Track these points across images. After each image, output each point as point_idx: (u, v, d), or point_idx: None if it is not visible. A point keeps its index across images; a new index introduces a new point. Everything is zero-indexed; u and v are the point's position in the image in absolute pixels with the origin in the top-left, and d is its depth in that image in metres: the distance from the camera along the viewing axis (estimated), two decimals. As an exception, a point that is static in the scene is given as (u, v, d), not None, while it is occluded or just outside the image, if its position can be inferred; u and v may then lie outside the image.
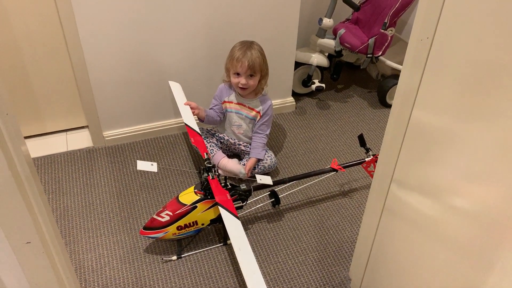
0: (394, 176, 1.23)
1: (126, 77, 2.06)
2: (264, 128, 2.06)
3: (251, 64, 1.88)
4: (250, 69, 1.89)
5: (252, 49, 1.91)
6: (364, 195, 2.01)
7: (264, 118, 2.04)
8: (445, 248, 1.04)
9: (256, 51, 1.91)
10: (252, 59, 1.88)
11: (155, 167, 1.62)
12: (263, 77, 1.98)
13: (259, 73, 1.94)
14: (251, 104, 2.04)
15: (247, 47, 1.91)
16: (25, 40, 1.95)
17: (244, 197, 1.75)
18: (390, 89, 2.52)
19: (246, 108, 2.04)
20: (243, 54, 1.89)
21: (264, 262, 1.71)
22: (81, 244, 1.75)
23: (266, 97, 2.05)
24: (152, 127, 2.27)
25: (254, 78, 1.93)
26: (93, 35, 1.89)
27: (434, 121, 1.02)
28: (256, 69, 1.91)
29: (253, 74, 1.92)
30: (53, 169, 2.08)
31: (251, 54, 1.89)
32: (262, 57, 1.93)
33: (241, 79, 1.92)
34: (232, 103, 2.05)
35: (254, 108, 2.04)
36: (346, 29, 2.48)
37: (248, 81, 1.92)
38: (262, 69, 1.94)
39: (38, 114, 2.18)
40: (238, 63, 1.89)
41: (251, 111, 2.04)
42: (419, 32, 0.98)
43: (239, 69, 1.90)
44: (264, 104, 2.03)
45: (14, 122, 0.80)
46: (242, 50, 1.90)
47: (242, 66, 1.88)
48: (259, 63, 1.91)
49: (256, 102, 2.03)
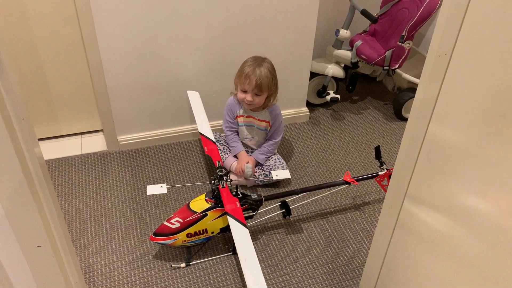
0: (408, 192, 1.21)
1: (142, 82, 2.08)
2: (275, 135, 2.06)
3: (258, 82, 1.85)
4: (257, 88, 1.86)
5: (262, 66, 1.87)
6: (376, 209, 1.98)
7: (274, 126, 2.05)
8: (459, 266, 1.01)
9: (266, 70, 1.87)
10: (260, 78, 1.85)
11: (164, 188, 1.66)
12: (270, 95, 1.95)
13: (266, 92, 1.91)
14: (260, 116, 2.03)
15: (257, 64, 1.87)
16: (44, 44, 1.98)
17: (255, 206, 1.74)
18: (406, 102, 2.50)
19: (256, 120, 2.04)
20: (252, 71, 1.85)
21: (273, 274, 1.69)
22: (91, 248, 1.76)
23: (275, 106, 2.03)
24: (167, 133, 2.28)
25: (261, 97, 1.91)
26: (111, 40, 1.91)
27: (451, 137, 1.00)
28: (264, 88, 1.88)
29: (259, 94, 1.90)
30: (66, 172, 2.10)
31: (260, 72, 1.85)
32: (272, 76, 1.90)
33: (248, 96, 1.90)
34: (243, 116, 2.05)
35: (264, 119, 2.04)
36: (363, 40, 2.47)
37: (254, 99, 1.90)
38: (270, 89, 1.91)
39: (54, 117, 2.21)
40: (246, 80, 1.86)
41: (261, 122, 2.04)
42: (438, 48, 0.96)
43: (246, 86, 1.88)
44: (273, 113, 2.03)
45: (29, 127, 0.81)
46: (252, 67, 1.86)
47: (250, 84, 1.86)
48: (267, 82, 1.87)
49: (265, 113, 2.03)
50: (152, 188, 1.66)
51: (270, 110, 2.03)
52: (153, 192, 1.65)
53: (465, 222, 0.98)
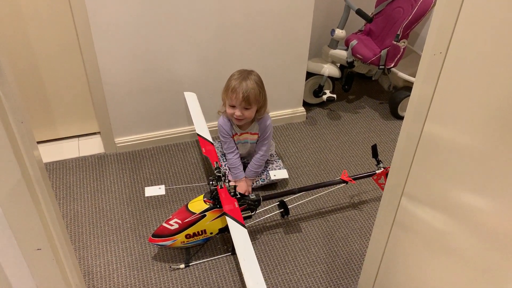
0: (405, 190, 1.22)
1: (139, 84, 2.08)
2: (262, 146, 2.00)
3: (245, 95, 1.79)
4: (245, 102, 1.80)
5: (248, 79, 1.81)
6: (374, 208, 1.99)
7: (262, 137, 1.99)
8: (457, 264, 1.02)
9: (253, 82, 1.81)
10: (247, 91, 1.79)
11: (162, 189, 1.66)
12: (260, 108, 1.89)
13: (255, 105, 1.85)
14: (252, 130, 1.98)
15: (243, 78, 1.82)
16: (40, 46, 1.98)
17: (253, 207, 1.75)
18: (402, 101, 2.51)
19: (249, 135, 2.00)
20: (239, 84, 1.80)
21: (272, 273, 1.70)
22: (90, 250, 1.76)
23: (264, 117, 1.96)
24: (164, 134, 2.28)
25: (250, 110, 1.85)
26: (107, 42, 1.92)
27: (447, 135, 1.01)
28: (252, 101, 1.81)
29: (248, 107, 1.83)
30: (64, 175, 2.09)
31: (247, 85, 1.80)
32: (259, 88, 1.84)
33: (236, 111, 1.84)
34: (236, 134, 1.99)
35: (255, 131, 1.99)
36: (359, 40, 2.48)
37: (244, 113, 1.84)
38: (258, 101, 1.85)
39: (51, 120, 2.21)
40: (233, 94, 1.80)
41: (253, 136, 2.00)
42: (433, 46, 0.97)
43: (233, 100, 1.82)
44: (262, 124, 1.96)
45: (28, 129, 0.81)
46: (238, 80, 1.81)
47: (237, 98, 1.80)
48: (255, 94, 1.81)
49: (255, 125, 1.97)
50: (150, 189, 1.67)
51: (259, 122, 1.96)
52: (151, 194, 1.66)
53: (462, 220, 0.99)
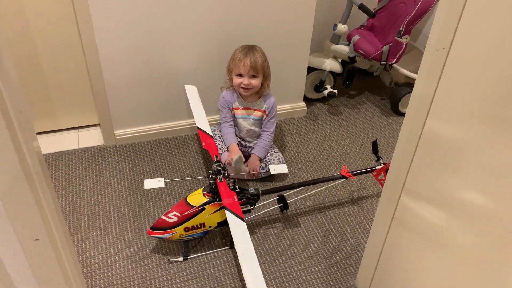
0: (405, 186, 1.21)
1: (140, 77, 2.07)
2: (269, 125, 2.07)
3: (253, 64, 1.89)
4: (253, 69, 1.90)
5: (254, 50, 1.92)
6: (373, 203, 1.99)
7: (269, 116, 2.06)
8: (456, 262, 1.02)
9: (259, 52, 1.93)
10: (254, 59, 1.89)
11: (162, 182, 1.65)
12: (265, 78, 1.98)
13: (262, 74, 1.94)
14: (255, 105, 2.04)
15: (248, 49, 1.93)
16: (41, 37, 1.97)
17: (252, 201, 1.74)
18: (403, 97, 2.50)
19: (252, 111, 2.05)
20: (245, 54, 1.90)
21: (270, 267, 1.70)
22: (88, 242, 1.76)
23: (269, 95, 2.06)
24: (164, 127, 2.27)
25: (257, 78, 1.94)
26: (108, 34, 1.90)
27: (448, 132, 1.01)
28: (259, 69, 1.91)
29: (255, 75, 1.92)
30: (63, 166, 2.09)
31: (253, 54, 1.90)
32: (265, 58, 1.94)
33: (244, 80, 1.92)
34: (239, 109, 2.05)
35: (260, 108, 2.05)
36: (361, 35, 2.47)
37: (251, 81, 1.93)
38: (264, 70, 1.95)
39: (51, 111, 2.20)
40: (241, 62, 1.90)
41: (257, 113, 2.05)
42: (436, 42, 0.97)
43: (241, 69, 1.90)
44: (268, 101, 2.05)
45: (27, 119, 0.81)
46: (244, 51, 1.92)
47: (245, 66, 1.89)
48: (261, 63, 1.91)
49: (260, 102, 2.04)
50: (149, 182, 1.66)
51: (265, 99, 2.04)
52: (150, 186, 1.65)
53: (462, 217, 0.98)
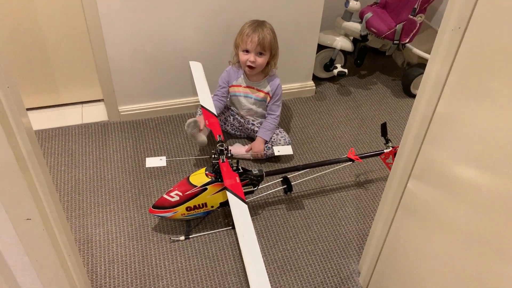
0: (414, 171, 1.17)
1: (144, 52, 2.02)
2: (274, 108, 2.01)
3: (261, 40, 1.81)
4: (260, 46, 1.82)
5: (264, 26, 1.84)
6: (380, 187, 1.95)
7: (274, 98, 1.99)
8: (466, 251, 0.98)
9: (268, 29, 1.84)
10: (262, 36, 1.81)
11: (164, 161, 1.64)
12: (272, 57, 1.91)
13: (269, 52, 1.87)
14: (259, 86, 1.98)
15: (258, 24, 1.84)
16: (43, 11, 1.92)
17: (256, 182, 1.71)
18: (416, 79, 2.43)
19: (255, 91, 1.99)
20: (254, 30, 1.82)
21: (272, 249, 1.68)
22: (90, 219, 1.75)
23: (274, 76, 1.99)
24: (168, 104, 2.24)
25: (263, 56, 1.86)
26: (111, 8, 1.85)
27: (463, 115, 0.95)
28: (266, 46, 1.83)
29: (262, 52, 1.85)
30: (66, 141, 2.07)
31: (262, 30, 1.82)
32: (274, 35, 1.86)
33: (250, 56, 1.85)
34: (241, 86, 2.00)
35: (263, 89, 1.98)
36: (374, 13, 2.38)
37: (257, 59, 1.85)
38: (272, 48, 1.87)
39: (54, 85, 2.17)
40: (248, 38, 1.82)
41: (259, 93, 1.99)
42: (451, 20, 0.90)
43: (248, 45, 1.83)
44: (272, 84, 1.98)
45: (15, 95, 0.77)
46: (252, 26, 1.83)
47: (252, 42, 1.82)
48: (270, 40, 1.83)
49: (264, 83, 1.98)
50: (151, 160, 1.64)
51: (269, 80, 1.98)
52: (152, 165, 1.63)
53: (473, 204, 0.94)
